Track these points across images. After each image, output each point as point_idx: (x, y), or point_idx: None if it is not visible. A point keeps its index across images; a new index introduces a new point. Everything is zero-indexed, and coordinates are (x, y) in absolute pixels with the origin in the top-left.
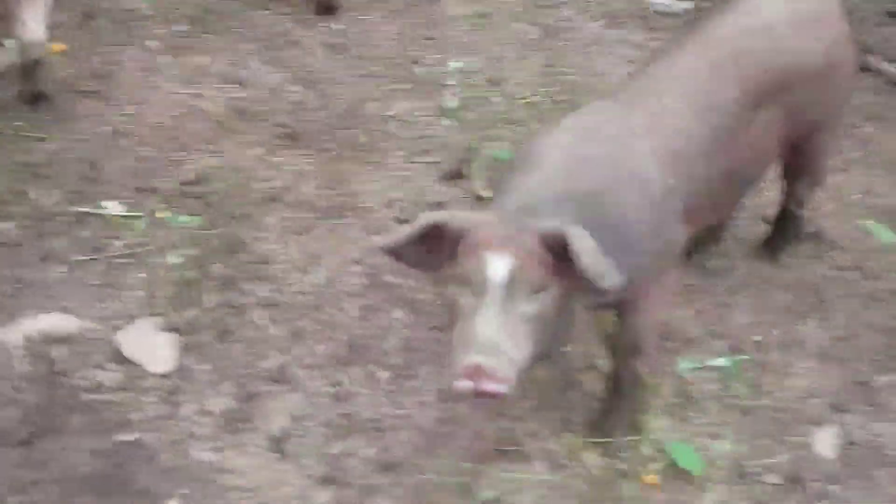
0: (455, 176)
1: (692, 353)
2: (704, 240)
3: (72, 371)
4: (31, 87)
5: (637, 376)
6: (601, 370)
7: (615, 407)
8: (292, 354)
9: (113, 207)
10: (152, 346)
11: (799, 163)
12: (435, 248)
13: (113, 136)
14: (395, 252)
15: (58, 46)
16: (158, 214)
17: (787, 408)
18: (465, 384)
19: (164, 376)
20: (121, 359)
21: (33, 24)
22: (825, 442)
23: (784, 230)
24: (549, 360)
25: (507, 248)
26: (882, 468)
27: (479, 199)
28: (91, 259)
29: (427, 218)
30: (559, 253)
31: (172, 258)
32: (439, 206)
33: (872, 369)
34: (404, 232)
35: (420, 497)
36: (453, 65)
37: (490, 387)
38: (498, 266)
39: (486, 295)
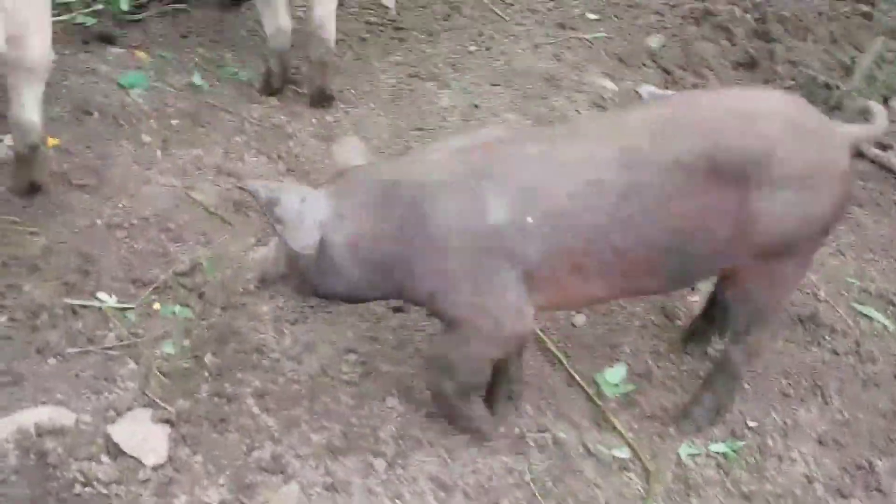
0: None
1: (692, 439)
2: (705, 328)
3: (65, 464)
4: (27, 177)
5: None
6: None
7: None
8: (287, 444)
9: (106, 299)
10: (146, 438)
11: (745, 283)
12: None
13: (106, 228)
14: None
15: (52, 140)
16: (152, 305)
17: (788, 493)
18: None
19: (157, 468)
20: (115, 451)
21: (30, 106)
22: None
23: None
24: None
25: None
26: None
27: None
28: (85, 351)
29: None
30: None
31: (166, 349)
32: None
33: (874, 453)
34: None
35: None
36: None
37: None
38: None
39: None
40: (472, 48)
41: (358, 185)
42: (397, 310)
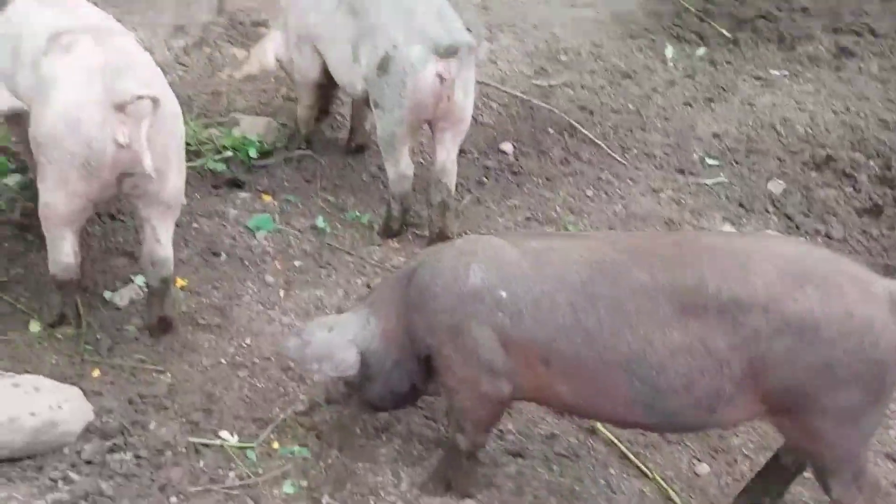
0: None
1: None
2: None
3: None
4: (159, 313)
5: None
6: None
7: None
8: None
9: (228, 438)
10: None
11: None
12: None
13: (230, 367)
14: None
15: (181, 281)
16: (271, 444)
17: None
18: None
19: None
20: None
21: (165, 241)
22: None
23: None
24: None
25: None
26: None
27: (593, 431)
28: (206, 490)
29: None
30: None
31: (285, 489)
32: (551, 438)
33: None
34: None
35: None
36: None
37: None
38: None
39: None
40: (590, 192)
41: (382, 286)
42: (515, 454)
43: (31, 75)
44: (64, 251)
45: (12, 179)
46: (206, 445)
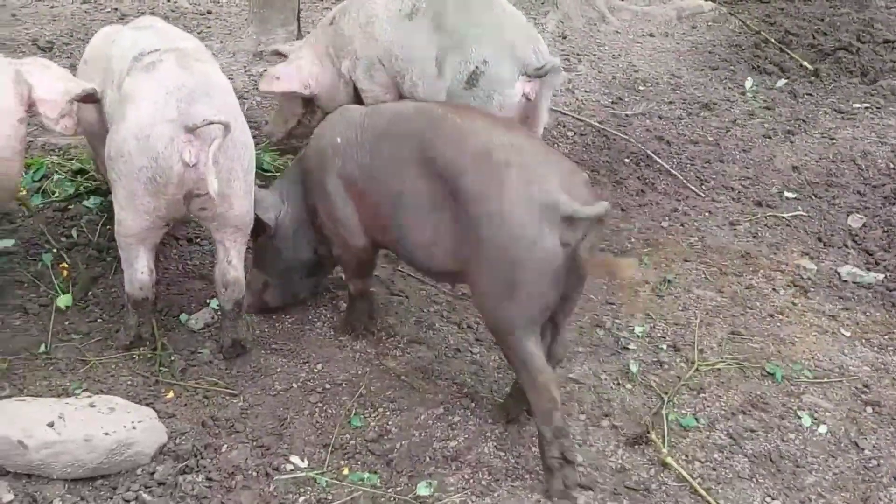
0: (637, 441)
1: None
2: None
3: None
4: (232, 335)
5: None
6: None
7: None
8: None
9: (298, 463)
10: None
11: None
12: None
13: (301, 392)
14: None
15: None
16: (341, 471)
17: None
18: None
19: None
20: None
21: (236, 262)
22: None
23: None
24: None
25: None
26: None
27: (665, 465)
28: None
29: None
30: None
31: None
32: (621, 471)
33: None
34: None
35: None
36: (638, 329)
37: None
38: None
39: None
40: (666, 224)
41: (295, 162)
42: (585, 487)
43: (115, 94)
44: (138, 269)
45: (92, 201)
46: (277, 470)
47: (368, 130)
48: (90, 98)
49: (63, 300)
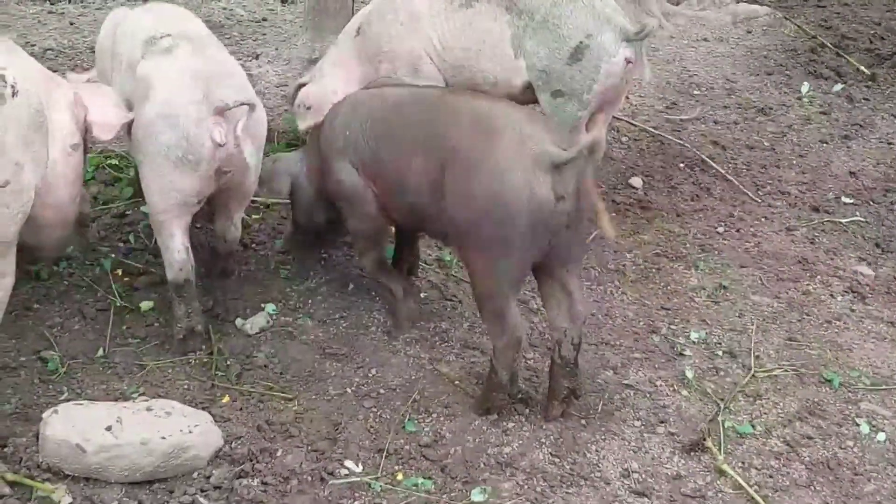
0: (693, 448)
1: None
2: None
3: None
4: (223, 265)
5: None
6: None
7: None
8: None
9: (353, 468)
10: None
11: None
12: None
13: (355, 397)
14: None
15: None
16: (395, 476)
17: None
18: None
19: None
20: None
21: (237, 223)
22: None
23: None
24: None
25: None
26: None
27: (721, 472)
28: None
29: None
30: None
31: None
32: (677, 478)
33: None
34: None
35: None
36: (694, 335)
37: None
38: None
39: None
40: (721, 229)
41: (313, 133)
42: (641, 494)
43: (127, 78)
44: (175, 248)
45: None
46: (332, 474)
47: (373, 118)
48: None
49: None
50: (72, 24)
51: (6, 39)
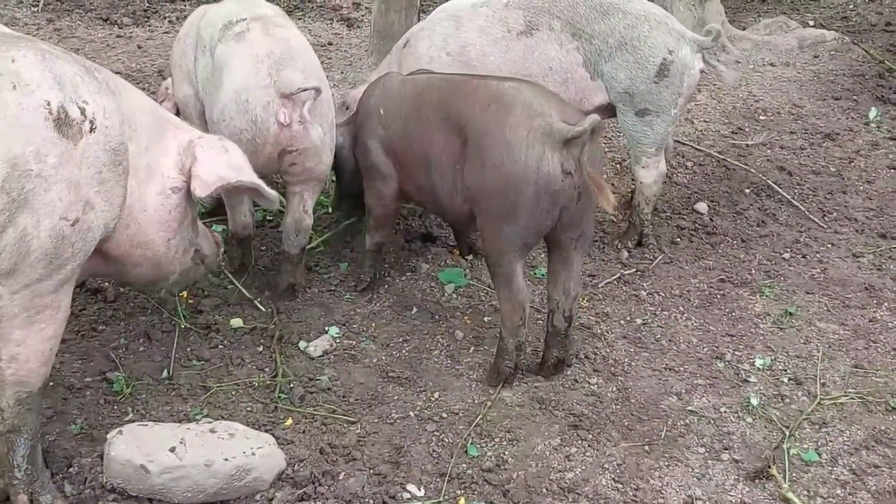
0: (758, 476)
1: None
2: None
3: None
4: (291, 279)
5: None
6: None
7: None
8: None
9: (415, 492)
10: None
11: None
12: None
13: (418, 420)
14: None
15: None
16: (458, 501)
17: None
18: None
19: None
20: None
21: (310, 211)
22: None
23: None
24: None
25: None
26: None
27: (786, 501)
28: None
29: None
30: None
31: None
32: None
33: None
34: None
35: None
36: (759, 361)
37: None
38: None
39: None
40: (787, 255)
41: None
42: None
43: (208, 59)
44: (241, 212)
45: (214, 228)
46: (394, 498)
47: (404, 100)
48: (237, 189)
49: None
50: (140, 47)
51: (119, 79)
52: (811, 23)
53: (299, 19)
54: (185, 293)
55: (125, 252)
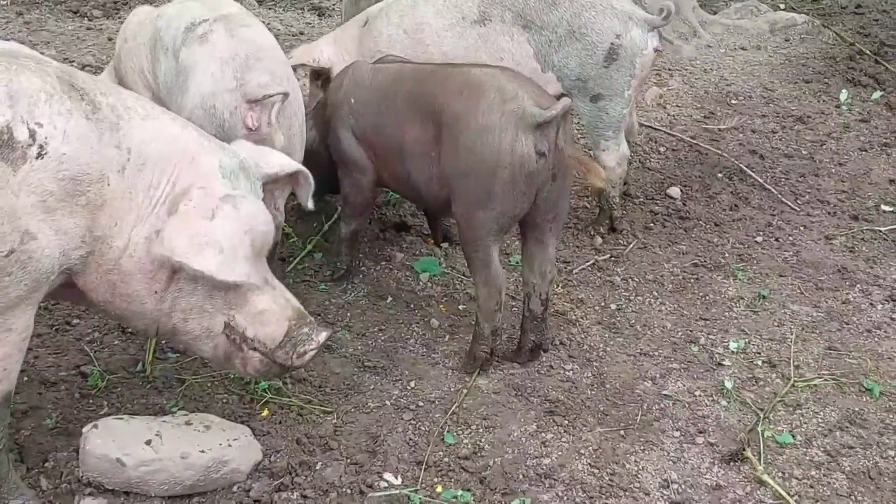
0: (733, 458)
1: None
2: None
3: None
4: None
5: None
6: None
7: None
8: None
9: (392, 480)
10: None
11: None
12: None
13: (394, 409)
14: None
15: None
16: (434, 488)
17: None
18: None
19: None
20: None
21: (282, 209)
22: None
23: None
24: None
25: None
26: None
27: (761, 482)
28: None
29: None
30: None
31: None
32: (717, 488)
33: None
34: None
35: None
36: (733, 345)
37: None
38: None
39: None
40: (760, 238)
41: (319, 103)
42: None
43: (171, 62)
44: None
45: None
46: (371, 487)
47: (376, 90)
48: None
49: None
50: (110, 39)
51: (141, 104)
52: (781, 6)
53: (270, 9)
54: None
55: (108, 300)
